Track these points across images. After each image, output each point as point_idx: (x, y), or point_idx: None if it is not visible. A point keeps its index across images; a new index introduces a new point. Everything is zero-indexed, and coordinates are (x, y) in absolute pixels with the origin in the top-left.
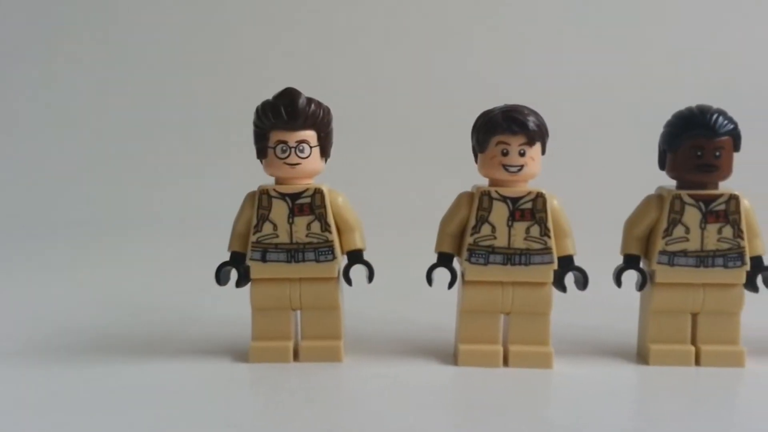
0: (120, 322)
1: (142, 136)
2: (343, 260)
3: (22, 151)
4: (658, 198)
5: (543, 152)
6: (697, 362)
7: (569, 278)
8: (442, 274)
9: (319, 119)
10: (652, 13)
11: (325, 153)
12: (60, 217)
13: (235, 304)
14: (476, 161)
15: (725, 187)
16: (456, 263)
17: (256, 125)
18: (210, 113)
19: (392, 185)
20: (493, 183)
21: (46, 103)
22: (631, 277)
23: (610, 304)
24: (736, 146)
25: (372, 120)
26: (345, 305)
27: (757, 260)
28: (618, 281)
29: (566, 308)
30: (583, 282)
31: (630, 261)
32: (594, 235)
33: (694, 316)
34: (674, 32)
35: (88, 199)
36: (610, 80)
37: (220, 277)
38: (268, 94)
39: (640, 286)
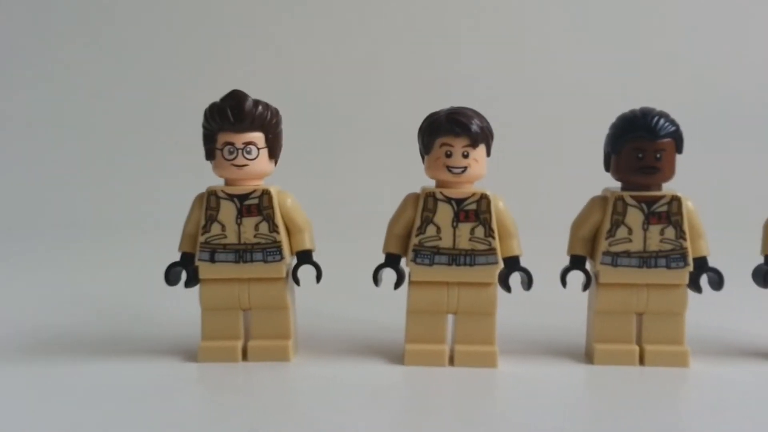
0: (75, 322)
1: (103, 141)
2: (293, 261)
3: None
4: (602, 199)
5: (488, 154)
6: (642, 362)
7: (515, 279)
8: (390, 274)
9: (266, 121)
10: (632, 17)
11: (273, 155)
12: (25, 218)
13: (190, 304)
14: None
15: (669, 188)
16: (403, 263)
17: (204, 127)
18: (155, 116)
19: (352, 185)
20: (440, 184)
21: (21, 103)
22: (578, 277)
23: (562, 305)
24: (679, 148)
25: (331, 121)
26: (297, 305)
27: (701, 261)
28: (563, 281)
29: (519, 309)
30: (528, 282)
31: (575, 261)
32: (546, 235)
33: (640, 316)
34: (649, 34)
35: (52, 202)
36: (577, 81)
37: (170, 277)
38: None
39: (585, 287)
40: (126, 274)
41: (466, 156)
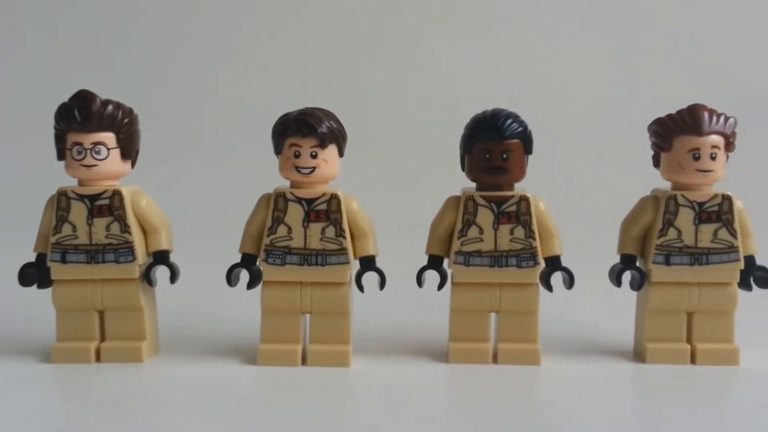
0: None
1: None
2: (149, 260)
3: None
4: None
5: (341, 155)
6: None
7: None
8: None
9: (116, 121)
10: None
11: (127, 155)
12: None
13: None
14: None
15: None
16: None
17: (54, 127)
18: None
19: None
20: (292, 185)
21: None
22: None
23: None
24: (527, 149)
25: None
26: (151, 305)
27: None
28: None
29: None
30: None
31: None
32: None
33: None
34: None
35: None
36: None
37: (24, 279)
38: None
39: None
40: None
41: (314, 156)
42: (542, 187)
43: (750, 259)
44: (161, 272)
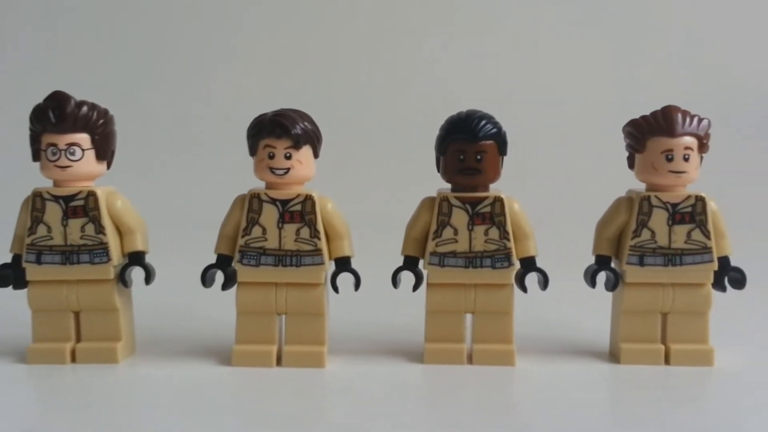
0: None
1: None
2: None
3: None
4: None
5: (316, 156)
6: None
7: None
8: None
9: (91, 122)
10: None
11: (102, 156)
12: None
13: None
14: None
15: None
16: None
17: (29, 129)
18: None
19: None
20: (266, 186)
21: None
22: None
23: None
24: (501, 150)
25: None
26: (127, 306)
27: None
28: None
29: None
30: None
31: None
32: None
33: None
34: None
35: None
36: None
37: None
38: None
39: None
40: None
41: (288, 157)
42: (519, 188)
43: (724, 260)
44: (138, 273)
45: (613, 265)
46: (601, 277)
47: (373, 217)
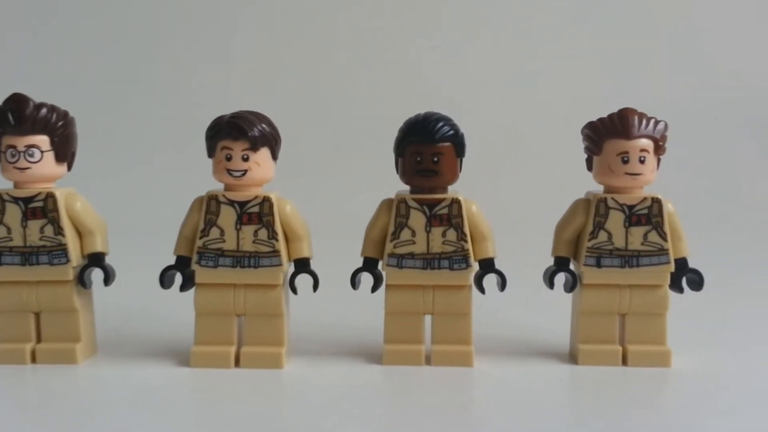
0: None
1: None
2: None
3: None
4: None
5: (274, 158)
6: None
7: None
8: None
9: (50, 124)
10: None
11: (62, 157)
12: None
13: None
14: None
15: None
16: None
17: None
18: None
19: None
20: (226, 188)
21: None
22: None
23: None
24: (459, 152)
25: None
26: (87, 307)
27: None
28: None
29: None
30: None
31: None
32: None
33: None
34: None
35: None
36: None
37: None
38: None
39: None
40: None
41: (246, 159)
42: (480, 190)
43: (682, 262)
44: (98, 274)
45: (571, 266)
46: (560, 278)
47: (334, 218)
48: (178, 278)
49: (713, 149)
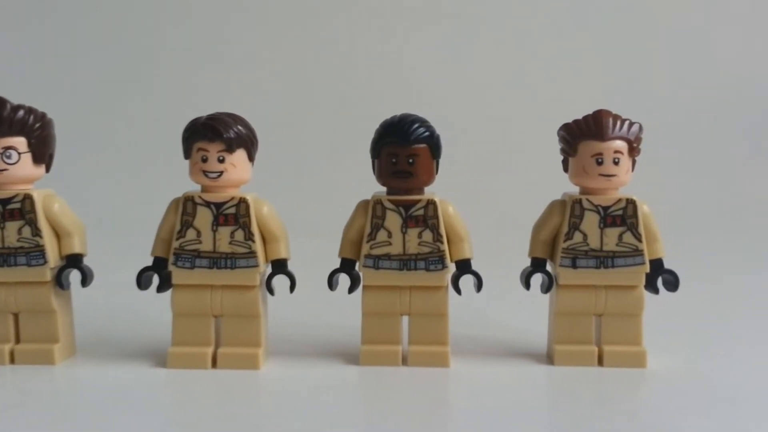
0: None
1: None
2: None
3: None
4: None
5: (251, 160)
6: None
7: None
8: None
9: (27, 125)
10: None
11: (40, 159)
12: None
13: None
14: None
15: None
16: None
17: None
18: None
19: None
20: (203, 189)
21: None
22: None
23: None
24: (435, 154)
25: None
26: (65, 308)
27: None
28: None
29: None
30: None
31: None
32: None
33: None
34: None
35: None
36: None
37: None
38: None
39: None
40: None
41: (222, 161)
42: (458, 190)
43: (658, 263)
44: (76, 276)
45: (548, 267)
46: (537, 279)
47: (312, 219)
48: (156, 279)
49: (696, 149)
